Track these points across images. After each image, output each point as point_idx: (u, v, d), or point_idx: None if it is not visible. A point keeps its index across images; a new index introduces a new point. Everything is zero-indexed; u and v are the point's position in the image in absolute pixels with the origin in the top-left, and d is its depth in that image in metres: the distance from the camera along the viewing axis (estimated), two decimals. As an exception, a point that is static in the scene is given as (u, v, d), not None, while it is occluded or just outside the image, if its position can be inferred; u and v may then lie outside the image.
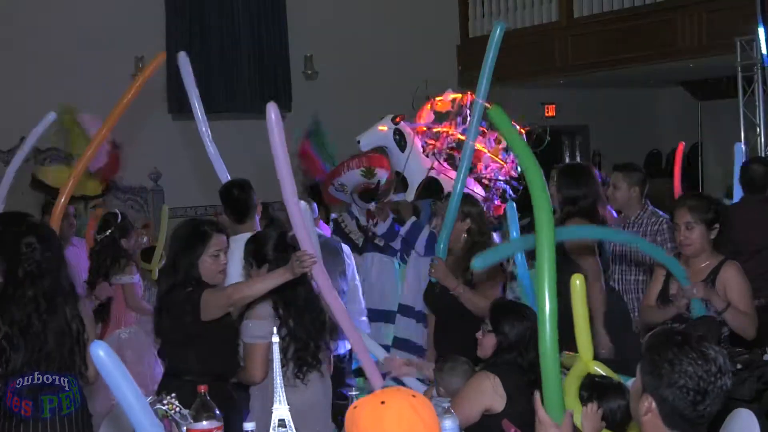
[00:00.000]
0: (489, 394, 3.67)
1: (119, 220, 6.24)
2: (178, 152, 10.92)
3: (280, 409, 3.10)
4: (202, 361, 4.00)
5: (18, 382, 3.90)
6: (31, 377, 3.91)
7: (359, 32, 11.96)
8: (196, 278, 4.06)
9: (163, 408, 3.21)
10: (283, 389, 3.11)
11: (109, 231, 6.15)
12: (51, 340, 3.94)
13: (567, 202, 5.19)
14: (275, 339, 3.20)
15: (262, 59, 11.56)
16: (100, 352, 2.23)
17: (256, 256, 4.33)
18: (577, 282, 3.25)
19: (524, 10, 12.15)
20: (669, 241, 5.35)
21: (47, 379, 3.92)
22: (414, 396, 2.18)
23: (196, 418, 3.24)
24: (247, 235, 5.06)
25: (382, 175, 7.22)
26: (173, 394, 3.29)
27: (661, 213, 5.66)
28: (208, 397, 3.28)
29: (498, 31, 4.50)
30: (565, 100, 13.59)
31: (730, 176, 7.06)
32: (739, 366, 4.09)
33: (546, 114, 13.69)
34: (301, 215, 3.79)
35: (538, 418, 2.59)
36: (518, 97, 13.11)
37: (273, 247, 4.30)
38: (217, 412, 3.33)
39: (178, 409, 3.22)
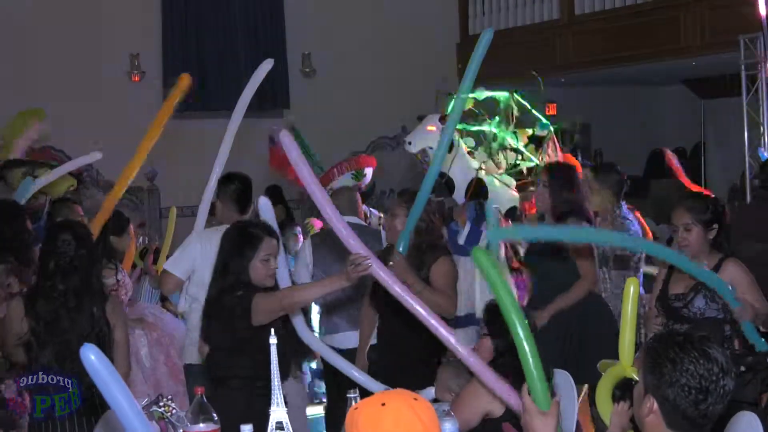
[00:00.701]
0: (487, 398, 3.67)
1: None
2: (175, 151, 10.91)
3: (278, 411, 3.10)
4: (252, 366, 3.96)
5: (22, 380, 3.95)
6: (35, 377, 3.96)
7: (358, 30, 11.96)
8: (246, 282, 4.01)
9: (160, 410, 3.21)
10: (281, 390, 3.11)
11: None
12: (75, 339, 4.01)
13: (561, 203, 5.24)
14: (273, 340, 3.20)
15: (259, 57, 11.54)
16: (90, 356, 2.24)
17: None
18: (631, 287, 3.31)
19: (525, 7, 12.15)
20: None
21: (52, 379, 3.96)
22: (415, 399, 2.19)
23: (193, 421, 3.24)
24: None
25: (369, 174, 7.27)
26: (169, 396, 3.29)
27: (629, 220, 5.70)
28: (205, 400, 3.28)
29: (486, 39, 4.47)
30: (566, 99, 13.57)
31: (734, 175, 7.11)
32: (742, 368, 4.09)
33: (547, 113, 13.67)
34: (341, 221, 3.67)
35: (523, 406, 2.60)
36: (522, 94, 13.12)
37: None
38: (214, 415, 3.34)
39: (174, 411, 3.22)
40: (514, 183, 7.80)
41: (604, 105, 13.83)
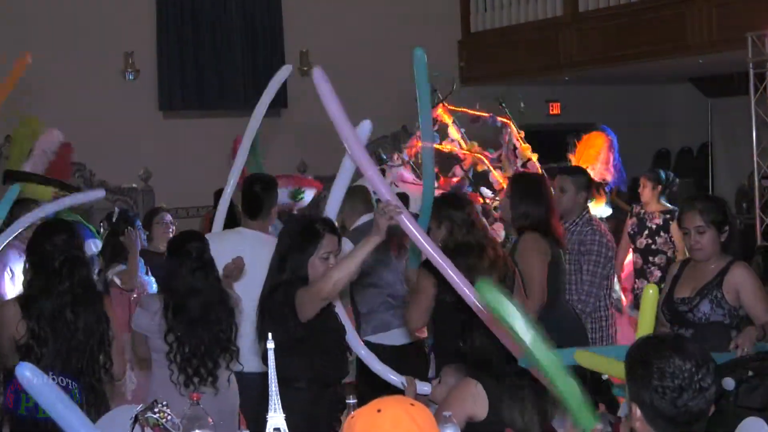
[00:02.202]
0: (470, 401, 3.67)
1: (115, 218, 6.23)
2: (169, 151, 10.92)
3: (276, 417, 3.10)
4: (310, 367, 3.94)
5: None
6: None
7: (357, 27, 11.96)
8: (302, 279, 3.95)
9: (154, 417, 3.21)
10: (278, 396, 3.11)
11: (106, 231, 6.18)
12: (81, 333, 4.12)
13: (519, 216, 5.19)
14: (270, 345, 3.20)
15: (257, 55, 11.56)
16: (26, 373, 2.25)
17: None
18: (650, 291, 3.34)
19: (527, 3, 12.14)
20: (594, 254, 5.47)
21: (62, 381, 4.01)
22: (412, 404, 2.20)
23: (189, 427, 3.24)
24: (252, 232, 5.18)
25: (308, 196, 7.17)
26: (165, 402, 3.29)
27: (593, 223, 5.68)
28: (201, 406, 3.28)
29: (419, 57, 4.48)
30: (570, 98, 13.59)
31: (741, 175, 7.10)
32: (750, 373, 4.09)
33: (550, 112, 13.68)
34: (368, 160, 3.64)
35: None
36: (521, 95, 13.11)
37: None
38: (210, 421, 3.34)
39: (169, 417, 3.22)
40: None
41: (608, 104, 13.84)
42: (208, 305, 4.31)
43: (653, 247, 7.27)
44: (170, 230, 6.92)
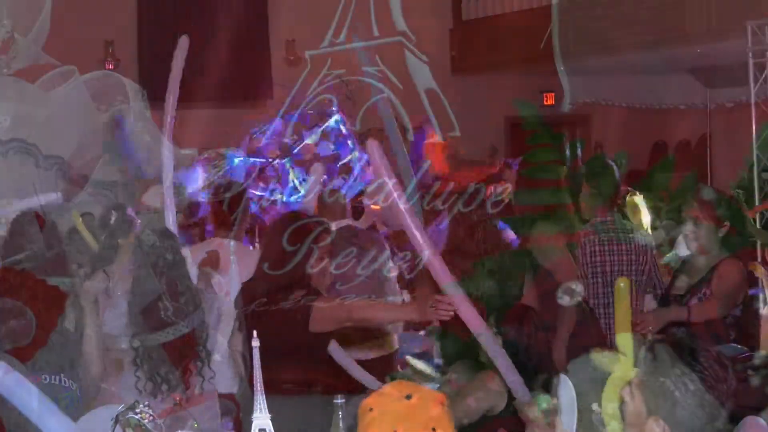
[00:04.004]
0: (492, 392, 3.70)
1: (113, 219, 6.21)
2: (151, 143, 10.91)
3: (261, 418, 3.11)
4: (303, 372, 3.96)
5: (44, 378, 4.01)
6: (58, 377, 4.03)
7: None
8: (299, 281, 3.96)
9: (136, 417, 3.21)
10: (264, 396, 3.13)
11: None
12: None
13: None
14: (255, 343, 3.21)
15: (241, 44, 11.55)
16: None
17: None
18: (621, 284, 3.35)
19: (521, -10, 12.17)
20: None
21: (70, 384, 4.04)
22: (433, 430, 2.15)
23: (172, 429, 3.25)
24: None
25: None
26: (146, 403, 3.30)
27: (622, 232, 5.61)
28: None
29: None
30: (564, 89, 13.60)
31: (741, 168, 7.12)
32: (749, 371, 4.12)
33: (545, 102, 13.70)
34: (443, 265, 3.61)
35: (527, 417, 2.76)
36: (515, 85, 13.14)
37: None
38: (194, 421, 3.34)
39: (151, 418, 3.23)
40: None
41: (604, 95, 13.86)
42: (176, 308, 4.29)
43: None
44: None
